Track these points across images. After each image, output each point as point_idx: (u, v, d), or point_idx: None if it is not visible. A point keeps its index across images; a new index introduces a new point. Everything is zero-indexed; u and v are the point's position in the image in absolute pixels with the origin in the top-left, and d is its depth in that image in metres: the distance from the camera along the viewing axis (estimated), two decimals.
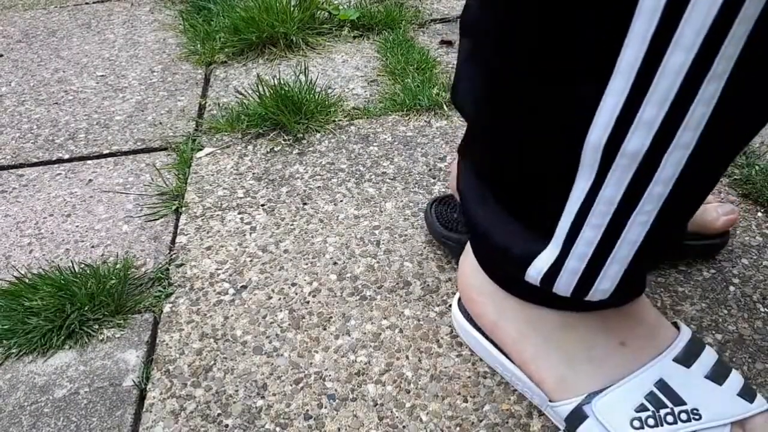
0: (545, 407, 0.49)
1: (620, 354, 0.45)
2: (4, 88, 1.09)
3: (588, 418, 0.44)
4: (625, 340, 0.45)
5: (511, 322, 0.49)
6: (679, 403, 0.42)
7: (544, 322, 0.47)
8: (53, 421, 0.53)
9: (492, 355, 0.53)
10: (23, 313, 0.61)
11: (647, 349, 0.45)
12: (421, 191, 0.76)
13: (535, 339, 0.48)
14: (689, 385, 0.43)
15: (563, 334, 0.46)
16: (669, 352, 0.45)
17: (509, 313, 0.49)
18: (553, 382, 0.47)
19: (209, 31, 1.18)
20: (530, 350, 0.48)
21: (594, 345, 0.46)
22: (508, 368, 0.51)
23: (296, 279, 0.65)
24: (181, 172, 0.83)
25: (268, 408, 0.53)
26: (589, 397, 0.44)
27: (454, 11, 1.25)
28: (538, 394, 0.49)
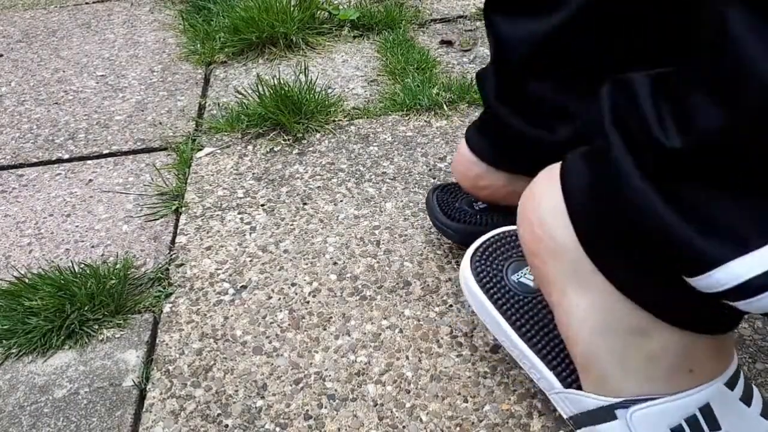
0: (553, 392, 0.46)
1: (682, 377, 0.41)
2: (4, 88, 1.09)
3: (615, 421, 0.42)
4: (695, 368, 0.41)
5: (583, 300, 0.41)
6: (715, 428, 0.40)
7: (622, 317, 0.40)
8: (53, 421, 0.53)
9: (501, 329, 0.49)
10: (23, 313, 0.61)
11: (708, 374, 0.41)
12: (421, 191, 0.76)
13: (601, 327, 0.41)
14: (728, 409, 0.41)
15: (636, 338, 0.40)
16: (723, 377, 0.41)
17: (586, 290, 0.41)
18: (595, 374, 0.43)
19: (209, 31, 1.18)
20: (588, 334, 0.41)
21: (661, 364, 0.41)
22: (518, 346, 0.48)
23: (296, 279, 0.65)
24: (181, 172, 0.83)
25: (268, 408, 0.53)
26: (627, 402, 0.41)
27: (454, 11, 1.25)
28: (547, 378, 0.46)
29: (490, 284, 0.50)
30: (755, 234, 0.31)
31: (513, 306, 0.49)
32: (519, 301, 0.49)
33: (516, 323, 0.48)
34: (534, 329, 0.47)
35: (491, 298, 0.49)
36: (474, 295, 0.50)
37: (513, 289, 0.49)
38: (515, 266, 0.51)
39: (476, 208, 0.64)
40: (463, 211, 0.64)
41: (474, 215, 0.63)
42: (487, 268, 0.50)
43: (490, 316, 0.49)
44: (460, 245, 0.67)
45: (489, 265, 0.50)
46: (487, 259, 0.51)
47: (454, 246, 0.67)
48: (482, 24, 1.19)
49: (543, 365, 0.46)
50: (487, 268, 0.50)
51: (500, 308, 0.49)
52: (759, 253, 0.31)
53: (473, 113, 0.91)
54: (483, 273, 0.50)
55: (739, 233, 0.31)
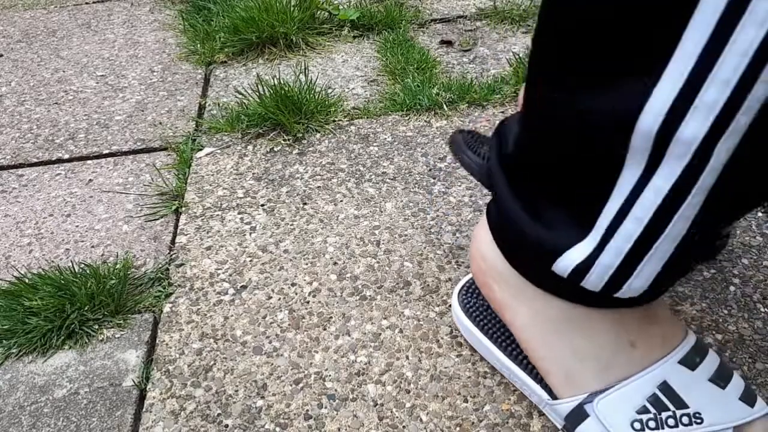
0: (544, 406, 0.49)
1: (628, 354, 0.44)
2: (4, 88, 1.09)
3: (589, 417, 0.44)
4: (636, 341, 0.44)
5: (523, 307, 0.48)
6: (682, 407, 0.42)
7: (557, 313, 0.46)
8: (53, 421, 0.53)
9: (491, 353, 0.53)
10: (23, 313, 0.61)
11: (656, 350, 0.44)
12: (421, 191, 0.76)
13: (545, 329, 0.46)
14: (693, 388, 0.43)
15: (574, 327, 0.45)
16: (675, 355, 0.44)
17: (523, 299, 0.47)
18: (559, 376, 0.46)
19: (209, 31, 1.18)
20: (539, 339, 0.47)
21: (604, 343, 0.45)
22: (507, 366, 0.51)
23: (296, 279, 0.65)
24: (181, 172, 0.83)
25: (268, 408, 0.53)
26: (591, 396, 0.44)
27: (454, 11, 1.25)
28: (537, 393, 0.49)
29: (476, 312, 0.54)
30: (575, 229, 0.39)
31: (499, 330, 0.53)
32: (504, 325, 0.52)
33: (503, 345, 0.52)
34: (519, 349, 0.51)
35: (478, 325, 0.54)
36: (463, 324, 0.55)
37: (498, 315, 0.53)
38: None
39: None
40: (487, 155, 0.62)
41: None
42: (473, 299, 0.55)
43: (480, 342, 0.54)
44: (460, 246, 0.67)
45: (476, 297, 0.55)
46: (473, 293, 0.56)
47: (454, 246, 0.67)
48: (482, 24, 1.19)
49: (530, 380, 0.49)
50: (473, 299, 0.55)
51: (486, 333, 0.53)
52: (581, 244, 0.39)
53: (473, 113, 0.91)
54: (470, 304, 0.55)
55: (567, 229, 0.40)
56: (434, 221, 0.72)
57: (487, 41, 1.13)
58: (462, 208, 0.73)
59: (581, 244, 0.39)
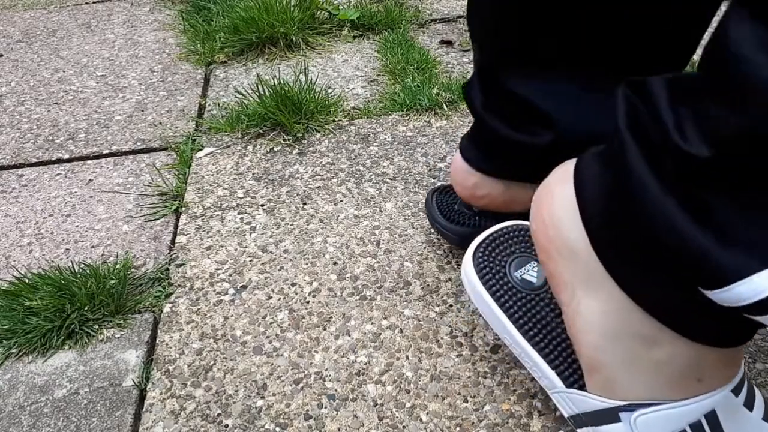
0: (555, 392, 0.46)
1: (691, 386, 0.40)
2: (4, 88, 1.09)
3: (620, 423, 0.42)
4: (704, 377, 0.40)
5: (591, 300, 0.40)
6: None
7: (632, 326, 0.39)
8: (53, 421, 0.53)
9: (503, 326, 0.48)
10: (23, 313, 0.61)
11: (718, 381, 0.41)
12: (421, 191, 0.76)
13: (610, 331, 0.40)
14: (732, 416, 0.41)
15: (645, 345, 0.39)
16: (731, 385, 0.41)
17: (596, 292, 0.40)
18: (602, 376, 0.42)
19: (209, 31, 1.18)
20: (596, 337, 0.41)
21: (671, 373, 0.40)
22: (519, 344, 0.47)
23: (296, 279, 0.65)
24: (181, 172, 0.83)
25: (268, 408, 0.53)
26: (633, 406, 0.41)
27: (454, 11, 1.25)
28: (549, 378, 0.46)
29: (493, 280, 0.49)
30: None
31: (516, 303, 0.48)
32: (522, 298, 0.48)
33: (518, 321, 0.47)
34: (537, 327, 0.47)
35: (493, 295, 0.48)
36: (476, 290, 0.49)
37: (516, 286, 0.48)
38: (519, 262, 0.50)
39: (475, 210, 0.64)
40: (462, 213, 0.64)
41: (472, 217, 0.63)
42: (490, 263, 0.49)
43: (492, 313, 0.48)
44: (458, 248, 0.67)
45: (492, 261, 0.49)
46: (490, 254, 0.50)
47: (454, 246, 0.67)
48: None
49: (545, 364, 0.46)
50: (490, 263, 0.49)
51: (502, 305, 0.48)
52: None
53: None
54: (486, 268, 0.49)
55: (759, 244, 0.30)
56: None
57: None
58: None
59: None
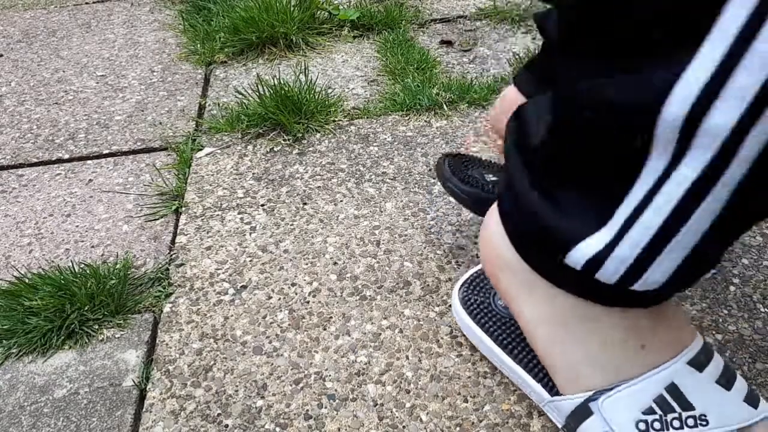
0: (544, 404, 0.49)
1: (638, 355, 0.43)
2: (4, 88, 1.09)
3: (593, 415, 0.44)
4: (646, 343, 0.43)
5: (532, 300, 0.46)
6: (688, 408, 0.42)
7: (567, 308, 0.44)
8: (53, 421, 0.53)
9: (491, 351, 0.53)
10: (23, 313, 0.61)
11: (666, 351, 0.44)
12: (421, 191, 0.76)
13: (554, 323, 0.45)
14: (699, 389, 0.42)
15: (585, 325, 0.44)
16: (684, 355, 0.43)
17: (532, 292, 0.46)
18: (565, 372, 0.45)
19: (209, 31, 1.18)
20: (546, 333, 0.46)
21: (614, 343, 0.44)
22: (507, 364, 0.51)
23: (296, 279, 0.65)
24: (181, 172, 0.83)
25: (268, 408, 0.53)
26: (597, 394, 0.43)
27: (454, 11, 1.25)
28: (537, 391, 0.49)
29: (477, 310, 0.55)
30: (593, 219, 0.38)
31: (500, 328, 0.53)
32: (506, 323, 0.53)
33: (503, 342, 0.52)
34: (520, 347, 0.51)
35: (478, 322, 0.54)
36: (463, 321, 0.55)
37: (499, 313, 0.54)
38: None
39: (487, 179, 0.63)
40: (474, 178, 0.63)
41: (486, 184, 0.62)
42: (473, 296, 0.56)
43: (479, 339, 0.54)
44: (459, 246, 0.67)
45: (477, 294, 0.56)
46: (474, 290, 0.56)
47: (454, 246, 0.67)
48: (482, 24, 1.19)
49: (530, 378, 0.49)
50: (474, 296, 0.56)
51: (487, 330, 0.53)
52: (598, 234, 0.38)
53: (473, 113, 0.91)
54: (470, 301, 0.55)
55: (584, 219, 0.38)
56: (434, 221, 0.72)
57: (487, 41, 1.13)
58: (462, 208, 0.73)
59: (599, 233, 0.38)
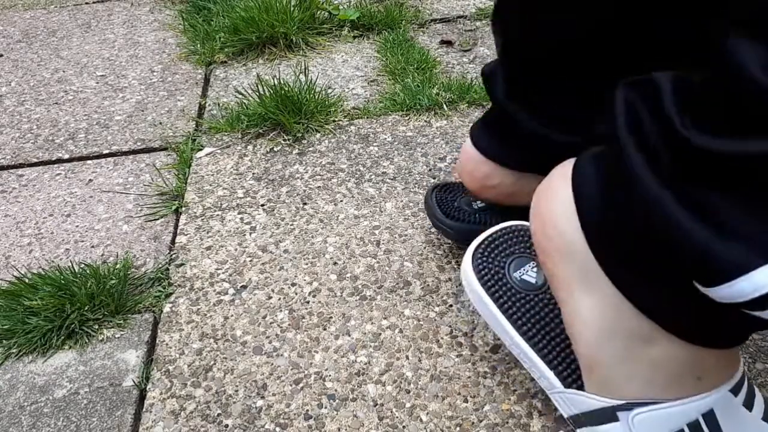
0: (554, 392, 0.46)
1: (691, 385, 0.40)
2: (4, 88, 1.09)
3: (617, 422, 0.42)
4: (703, 377, 0.40)
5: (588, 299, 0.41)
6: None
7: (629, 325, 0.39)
8: (53, 421, 0.53)
9: (502, 327, 0.48)
10: (23, 313, 0.61)
11: (718, 380, 0.41)
12: (421, 191, 0.76)
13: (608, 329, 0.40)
14: (731, 415, 0.41)
15: (642, 343, 0.39)
16: (729, 383, 0.41)
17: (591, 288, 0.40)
18: (600, 374, 0.42)
19: (209, 31, 1.18)
20: (594, 335, 0.41)
21: (669, 372, 0.40)
22: (518, 344, 0.47)
23: (296, 279, 0.65)
24: (181, 172, 0.83)
25: (268, 408, 0.53)
26: (630, 405, 0.41)
27: (454, 11, 1.25)
28: (547, 378, 0.46)
29: (492, 281, 0.49)
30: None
31: (515, 304, 0.48)
32: (521, 298, 0.48)
33: (517, 321, 0.47)
34: (535, 328, 0.47)
35: (492, 295, 0.48)
36: (475, 291, 0.49)
37: (515, 287, 0.49)
38: (518, 263, 0.50)
39: (475, 207, 0.64)
40: (462, 210, 0.64)
41: (473, 214, 0.63)
42: (489, 264, 0.49)
43: (491, 313, 0.48)
44: (460, 245, 0.67)
45: (491, 261, 0.49)
46: (489, 255, 0.50)
47: (454, 246, 0.67)
48: (482, 24, 1.19)
49: (543, 364, 0.46)
50: (489, 264, 0.49)
51: (501, 306, 0.48)
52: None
53: (473, 113, 0.91)
54: (485, 269, 0.49)
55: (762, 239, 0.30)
56: None
57: (487, 41, 1.13)
58: None
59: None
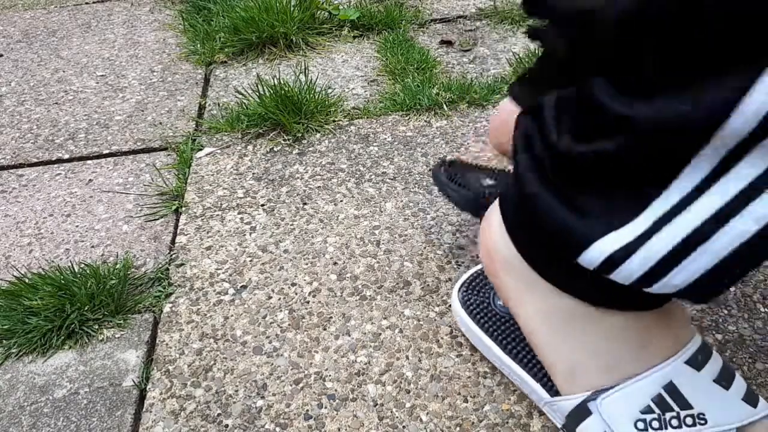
0: (543, 405, 0.49)
1: (638, 354, 0.43)
2: (4, 88, 1.09)
3: (591, 416, 0.44)
4: (647, 343, 0.43)
5: (531, 299, 0.46)
6: (686, 407, 0.42)
7: (568, 308, 0.44)
8: (53, 421, 0.53)
9: (491, 351, 0.53)
10: (23, 313, 0.61)
11: (665, 351, 0.43)
12: (421, 191, 0.76)
13: (553, 322, 0.45)
14: (698, 388, 0.42)
15: (585, 324, 0.44)
16: (682, 355, 0.43)
17: (532, 291, 0.46)
18: (563, 371, 0.45)
19: (209, 31, 1.18)
20: (545, 332, 0.46)
21: (614, 343, 0.43)
22: (507, 364, 0.51)
23: (296, 279, 0.65)
24: (181, 172, 0.83)
25: (268, 408, 0.53)
26: (595, 394, 0.43)
27: (454, 11, 1.25)
28: (536, 391, 0.49)
29: (477, 310, 0.54)
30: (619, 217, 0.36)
31: (499, 328, 0.53)
32: (505, 323, 0.53)
33: (502, 342, 0.52)
34: (519, 346, 0.51)
35: (478, 323, 0.54)
36: (464, 321, 0.55)
37: (499, 313, 0.53)
38: None
39: (484, 184, 0.63)
40: (471, 183, 0.63)
41: (483, 189, 0.63)
42: (474, 297, 0.55)
43: (480, 340, 0.54)
44: (459, 246, 0.67)
45: (476, 294, 0.55)
46: (474, 290, 0.56)
47: (454, 246, 0.67)
48: (482, 24, 1.19)
49: (530, 377, 0.49)
50: (474, 296, 0.55)
51: (487, 331, 0.53)
52: (620, 231, 0.36)
53: (473, 113, 0.91)
54: (470, 302, 0.55)
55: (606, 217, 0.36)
56: (434, 221, 0.72)
57: (487, 41, 1.13)
58: None
59: (622, 230, 0.35)
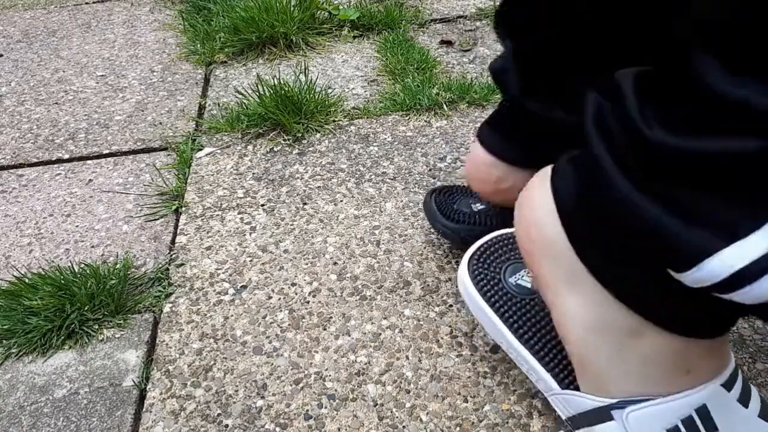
0: (551, 394, 0.47)
1: (681, 379, 0.41)
2: (4, 88, 1.09)
3: (612, 422, 0.42)
4: (692, 369, 0.40)
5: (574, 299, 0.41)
6: (711, 429, 0.40)
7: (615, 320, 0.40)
8: (53, 421, 0.53)
9: (499, 331, 0.49)
10: (23, 313, 0.61)
11: (705, 375, 0.41)
12: (421, 191, 0.76)
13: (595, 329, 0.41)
14: (725, 410, 0.41)
15: (630, 340, 0.40)
16: (720, 378, 0.41)
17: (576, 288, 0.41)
18: (594, 373, 0.42)
19: (209, 31, 1.18)
20: (584, 337, 0.41)
21: (658, 364, 0.40)
22: (516, 349, 0.48)
23: (296, 279, 0.65)
24: (181, 172, 0.83)
25: (268, 408, 0.53)
26: (623, 403, 0.41)
27: (454, 11, 1.25)
28: (544, 380, 0.46)
29: (488, 287, 0.50)
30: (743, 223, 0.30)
31: (510, 308, 0.49)
32: (517, 303, 0.49)
33: (513, 325, 0.48)
34: (531, 331, 0.47)
35: (488, 301, 0.49)
36: (471, 298, 0.50)
37: (510, 292, 0.50)
38: (513, 268, 0.51)
39: (474, 210, 0.64)
40: (462, 212, 0.64)
41: (473, 216, 0.63)
42: (484, 270, 0.50)
43: (488, 319, 0.49)
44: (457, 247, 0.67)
45: (487, 268, 0.50)
46: (484, 262, 0.51)
47: (454, 246, 0.67)
48: (482, 24, 1.19)
49: (540, 367, 0.47)
50: (485, 270, 0.50)
51: (497, 311, 0.49)
52: (748, 240, 0.30)
53: (473, 113, 0.91)
54: (480, 276, 0.50)
55: (726, 223, 0.31)
56: None
57: (487, 41, 1.13)
58: None
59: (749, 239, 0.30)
